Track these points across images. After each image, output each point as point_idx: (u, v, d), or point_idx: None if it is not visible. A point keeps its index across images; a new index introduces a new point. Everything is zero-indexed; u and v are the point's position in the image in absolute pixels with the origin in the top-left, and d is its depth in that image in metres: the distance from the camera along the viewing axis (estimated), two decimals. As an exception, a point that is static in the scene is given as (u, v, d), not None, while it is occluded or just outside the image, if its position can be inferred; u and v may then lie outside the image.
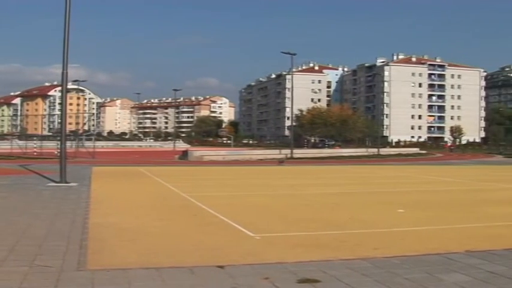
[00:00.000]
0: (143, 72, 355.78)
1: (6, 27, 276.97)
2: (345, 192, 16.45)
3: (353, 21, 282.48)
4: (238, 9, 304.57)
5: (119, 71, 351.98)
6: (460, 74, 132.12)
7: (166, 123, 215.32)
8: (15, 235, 7.76)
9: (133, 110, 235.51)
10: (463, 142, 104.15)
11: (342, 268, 6.03)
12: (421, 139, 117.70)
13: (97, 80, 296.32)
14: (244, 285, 5.34)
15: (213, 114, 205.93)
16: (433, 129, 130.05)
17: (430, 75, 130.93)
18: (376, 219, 10.18)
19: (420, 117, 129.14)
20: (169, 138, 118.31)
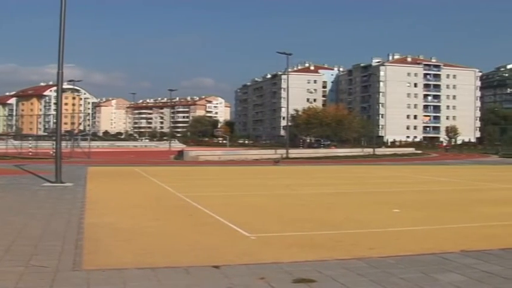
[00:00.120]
0: (139, 72, 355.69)
1: (1, 27, 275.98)
2: (341, 192, 16.46)
3: (349, 21, 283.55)
4: (235, 9, 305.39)
5: (114, 71, 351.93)
6: (456, 74, 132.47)
7: (161, 123, 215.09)
8: (10, 235, 7.73)
9: (128, 110, 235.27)
10: (459, 142, 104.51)
11: (338, 268, 6.04)
12: (417, 139, 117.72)
13: (92, 79, 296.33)
14: (240, 285, 5.33)
15: (208, 114, 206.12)
16: (428, 129, 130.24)
17: (425, 75, 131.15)
18: (372, 219, 10.20)
19: (416, 117, 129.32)
20: (164, 138, 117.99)
